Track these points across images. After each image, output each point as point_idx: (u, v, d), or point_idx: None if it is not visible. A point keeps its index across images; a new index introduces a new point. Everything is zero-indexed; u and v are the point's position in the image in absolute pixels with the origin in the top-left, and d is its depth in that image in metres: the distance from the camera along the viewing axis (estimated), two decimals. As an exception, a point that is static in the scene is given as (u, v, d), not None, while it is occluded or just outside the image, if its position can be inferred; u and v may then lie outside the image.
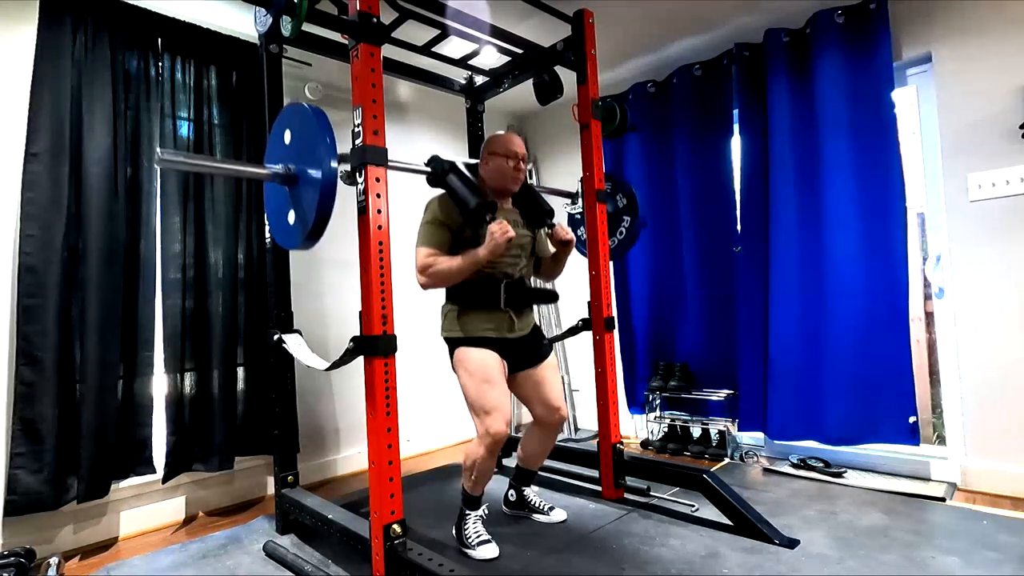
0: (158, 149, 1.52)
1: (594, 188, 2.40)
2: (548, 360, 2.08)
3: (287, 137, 1.70)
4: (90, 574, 2.00)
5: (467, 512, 1.98)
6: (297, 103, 1.71)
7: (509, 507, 2.28)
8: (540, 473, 2.82)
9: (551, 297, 2.10)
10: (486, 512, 2.04)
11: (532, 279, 2.14)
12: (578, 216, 2.86)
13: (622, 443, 2.42)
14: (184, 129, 2.52)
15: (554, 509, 2.23)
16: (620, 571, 1.78)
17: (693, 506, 2.28)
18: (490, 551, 1.89)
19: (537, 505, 2.24)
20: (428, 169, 1.93)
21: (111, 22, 2.29)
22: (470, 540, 1.92)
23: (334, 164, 1.53)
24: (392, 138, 1.80)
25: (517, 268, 1.99)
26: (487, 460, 1.86)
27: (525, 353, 2.02)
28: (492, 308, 1.93)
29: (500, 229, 1.77)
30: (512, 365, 1.99)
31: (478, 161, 2.05)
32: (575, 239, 2.04)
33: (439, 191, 1.95)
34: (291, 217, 1.68)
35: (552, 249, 2.09)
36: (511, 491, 2.28)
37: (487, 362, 1.87)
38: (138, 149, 2.38)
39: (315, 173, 1.55)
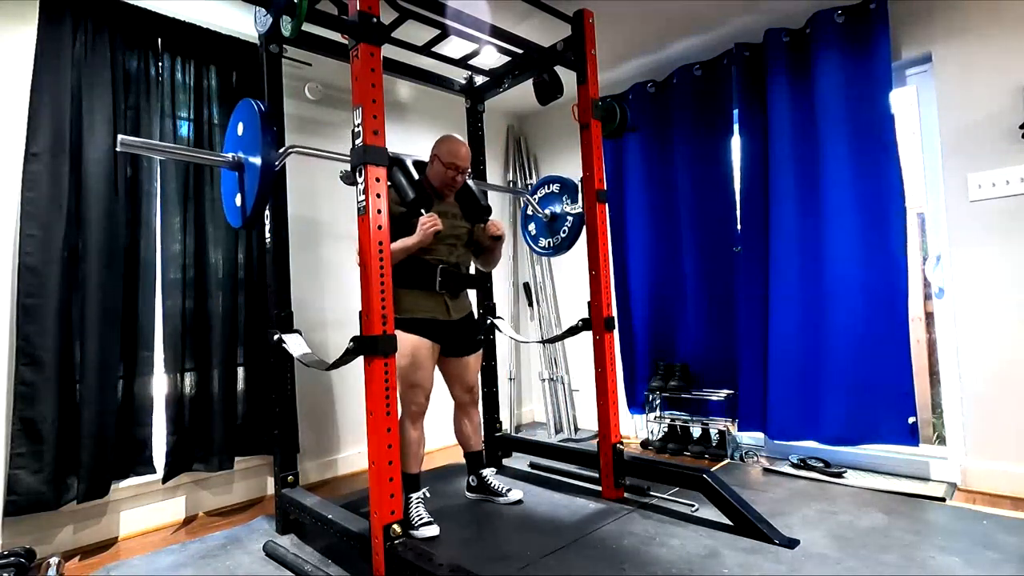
0: (120, 136, 1.66)
1: (594, 188, 2.40)
2: (478, 352, 2.41)
3: (240, 129, 1.87)
4: (90, 574, 2.00)
5: (409, 496, 2.18)
6: (248, 99, 1.84)
7: (471, 492, 2.50)
8: (540, 472, 2.85)
9: (479, 283, 2.35)
10: (427, 494, 2.27)
11: (472, 266, 2.44)
12: (542, 216, 2.93)
13: (622, 443, 2.42)
14: (184, 129, 2.53)
15: (511, 490, 2.43)
16: (620, 571, 1.78)
17: (693, 506, 2.29)
18: (431, 531, 2.09)
19: (496, 488, 2.44)
20: None
21: (111, 22, 2.29)
22: (413, 522, 2.11)
23: (270, 154, 1.73)
24: (392, 138, 1.80)
25: (453, 255, 2.25)
26: (412, 431, 2.18)
27: (459, 340, 2.29)
28: (428, 289, 2.17)
29: (429, 222, 2.03)
30: (446, 348, 2.26)
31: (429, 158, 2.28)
32: (505, 235, 2.30)
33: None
34: (238, 199, 1.88)
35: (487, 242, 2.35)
36: (471, 477, 2.49)
37: (419, 348, 2.14)
38: (138, 149, 2.39)
39: (255, 161, 1.75)
